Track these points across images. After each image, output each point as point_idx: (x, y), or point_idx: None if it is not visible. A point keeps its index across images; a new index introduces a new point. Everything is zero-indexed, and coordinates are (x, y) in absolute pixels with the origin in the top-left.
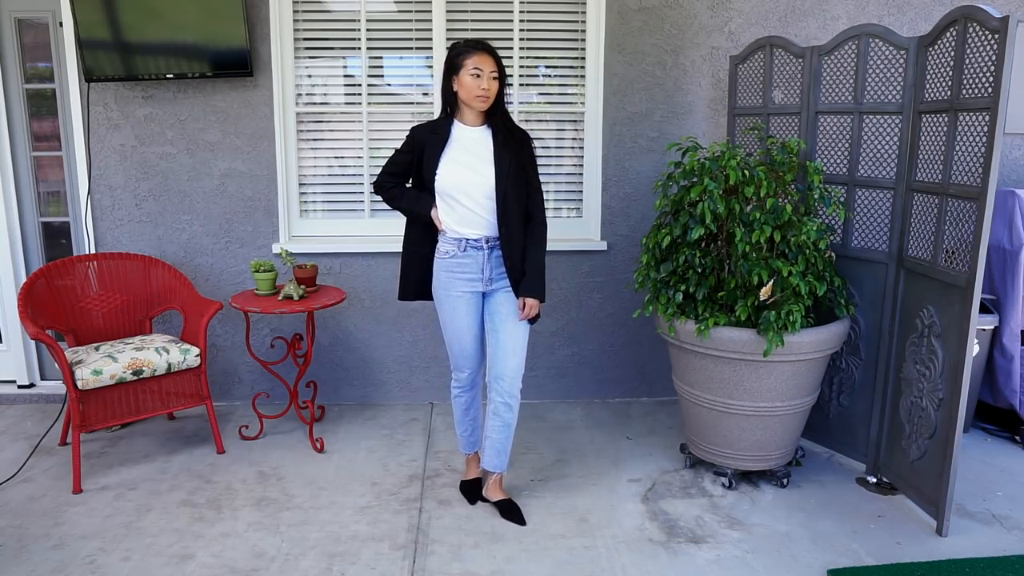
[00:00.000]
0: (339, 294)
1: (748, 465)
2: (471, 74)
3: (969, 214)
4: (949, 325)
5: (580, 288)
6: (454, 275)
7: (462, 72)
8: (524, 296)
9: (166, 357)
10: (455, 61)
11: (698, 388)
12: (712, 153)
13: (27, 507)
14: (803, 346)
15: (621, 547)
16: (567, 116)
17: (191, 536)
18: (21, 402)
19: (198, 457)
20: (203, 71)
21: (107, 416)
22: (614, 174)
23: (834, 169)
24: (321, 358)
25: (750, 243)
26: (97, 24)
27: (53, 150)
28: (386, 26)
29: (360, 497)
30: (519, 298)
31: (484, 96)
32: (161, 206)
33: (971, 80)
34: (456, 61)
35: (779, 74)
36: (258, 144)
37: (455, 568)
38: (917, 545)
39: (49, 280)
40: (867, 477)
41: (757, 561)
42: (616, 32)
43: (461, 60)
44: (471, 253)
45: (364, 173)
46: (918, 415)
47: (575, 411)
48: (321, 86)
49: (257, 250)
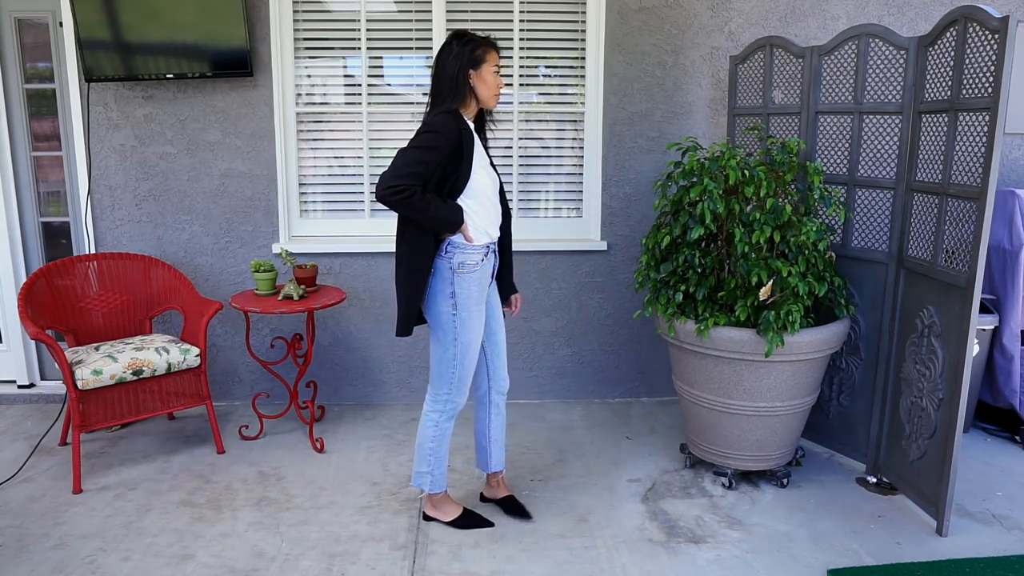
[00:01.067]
0: (339, 294)
1: (748, 465)
2: (494, 71)
3: (969, 214)
4: (949, 325)
5: (580, 288)
6: (483, 285)
7: (483, 68)
8: (516, 293)
9: (166, 357)
10: (475, 54)
11: (698, 388)
12: (712, 153)
13: (27, 507)
14: (803, 346)
15: (621, 547)
16: (567, 116)
17: (191, 536)
18: (21, 402)
19: (198, 457)
20: (203, 71)
21: (107, 416)
22: (614, 174)
23: (834, 169)
24: (321, 358)
25: (750, 243)
26: (97, 24)
27: (53, 150)
28: (386, 26)
29: (360, 497)
30: (512, 295)
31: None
32: (161, 206)
33: (971, 80)
34: (476, 55)
35: (779, 74)
36: (258, 144)
37: (455, 568)
38: (917, 545)
39: (49, 280)
40: (867, 477)
41: (757, 561)
42: (616, 32)
43: (483, 55)
44: (490, 257)
45: (364, 173)
46: (918, 415)
47: (575, 411)
48: (321, 86)
49: (257, 250)
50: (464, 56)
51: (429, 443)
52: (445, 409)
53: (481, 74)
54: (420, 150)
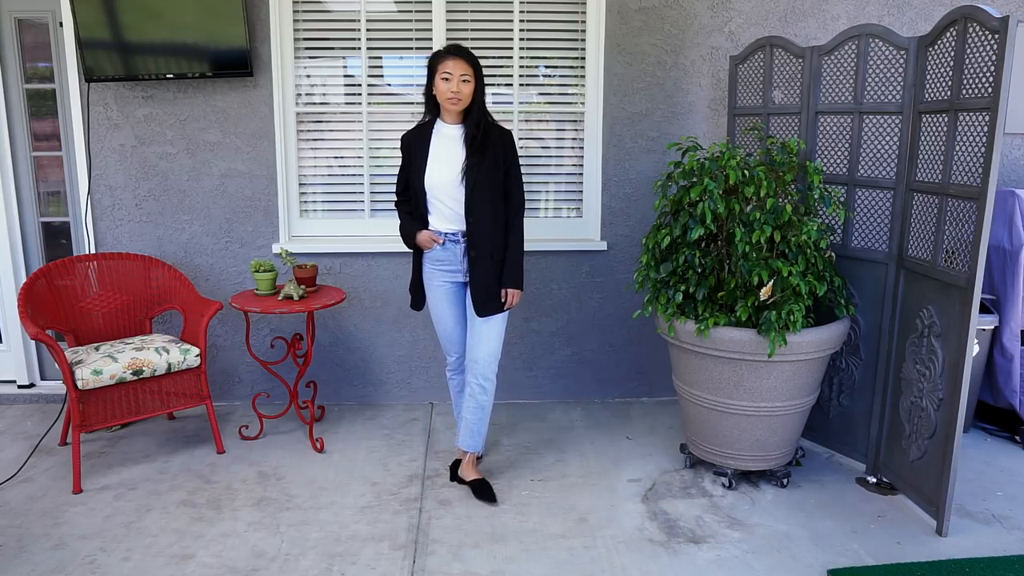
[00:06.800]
0: (339, 294)
1: (748, 465)
2: (442, 78)
3: (969, 214)
4: (949, 325)
5: (580, 288)
6: (436, 267)
7: (436, 77)
8: (506, 287)
9: (166, 357)
10: (430, 66)
11: (698, 388)
12: (712, 153)
13: (27, 507)
14: (803, 346)
15: (621, 547)
16: (567, 116)
17: (191, 536)
18: (21, 402)
19: (198, 457)
20: (203, 71)
21: (107, 416)
22: (614, 174)
23: (834, 169)
24: (321, 358)
25: (750, 243)
26: (97, 24)
27: (53, 150)
28: (386, 26)
29: (360, 497)
30: (502, 289)
31: (454, 98)
32: (161, 206)
33: (971, 80)
34: (431, 66)
35: (779, 74)
36: (258, 144)
37: (455, 568)
38: (917, 545)
39: (49, 280)
40: (867, 477)
41: (757, 561)
42: (616, 32)
43: (434, 65)
44: (449, 247)
45: (364, 173)
46: (918, 415)
47: (575, 411)
48: (321, 86)
49: (257, 250)
50: (427, 70)
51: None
52: (447, 364)
53: (435, 82)
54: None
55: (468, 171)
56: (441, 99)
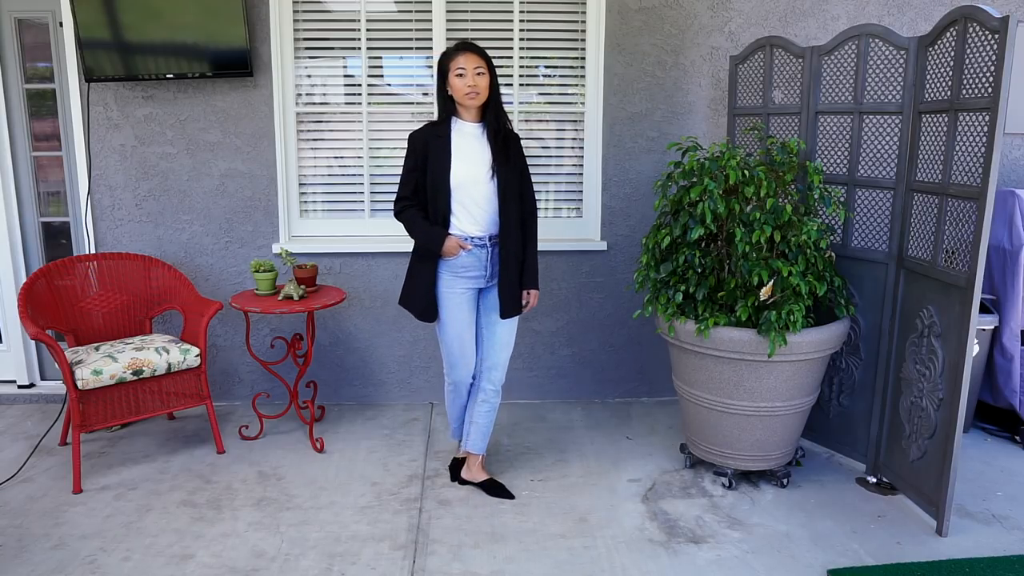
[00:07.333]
0: (339, 294)
1: (748, 465)
2: (456, 75)
3: (969, 214)
4: (949, 325)
5: (580, 288)
6: (458, 275)
7: (450, 75)
8: (529, 288)
9: (166, 357)
10: (442, 66)
11: (698, 388)
12: (712, 153)
13: (27, 507)
14: (803, 346)
15: (621, 547)
16: (567, 116)
17: (191, 536)
18: (21, 402)
19: (198, 457)
20: (203, 71)
21: (107, 416)
22: (614, 174)
23: (834, 169)
24: (321, 358)
25: (750, 243)
26: (97, 24)
27: (53, 150)
28: (386, 26)
29: (360, 497)
30: (524, 291)
31: (472, 93)
32: (161, 206)
33: (971, 80)
34: (443, 66)
35: (779, 74)
36: (258, 144)
37: (455, 568)
38: (917, 545)
39: (49, 280)
40: (867, 477)
41: (757, 561)
42: (616, 32)
43: (446, 64)
44: (475, 252)
45: (364, 173)
46: (918, 415)
47: (575, 411)
48: (321, 86)
49: (257, 250)
50: (438, 71)
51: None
52: (448, 382)
53: (450, 81)
54: (404, 167)
55: (498, 168)
56: (458, 96)
